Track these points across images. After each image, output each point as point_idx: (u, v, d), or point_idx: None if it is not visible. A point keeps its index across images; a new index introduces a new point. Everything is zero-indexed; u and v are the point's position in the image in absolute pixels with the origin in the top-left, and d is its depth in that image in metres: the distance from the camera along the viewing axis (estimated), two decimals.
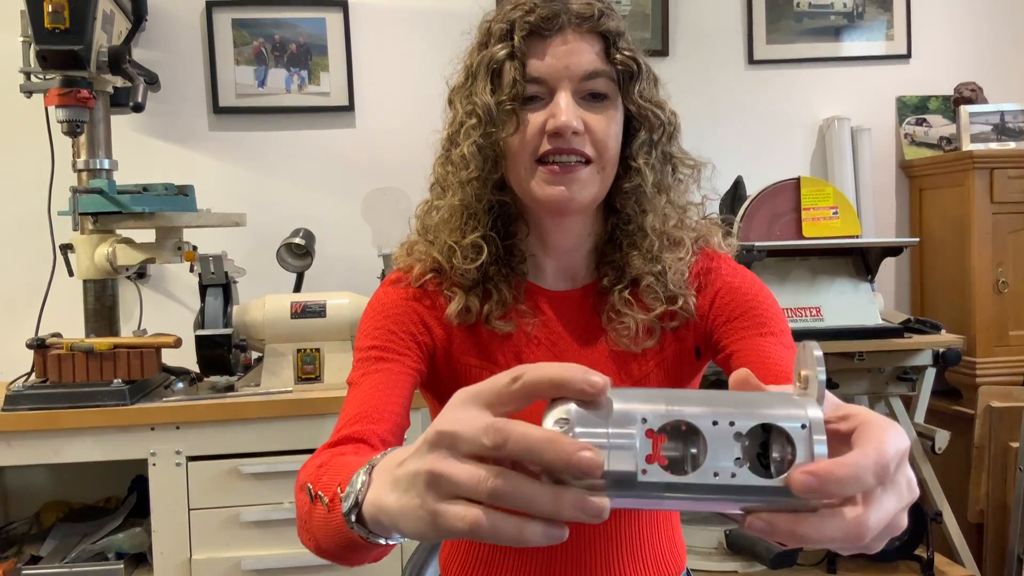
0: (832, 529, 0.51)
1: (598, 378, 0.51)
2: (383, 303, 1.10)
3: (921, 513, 2.30)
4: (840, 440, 0.54)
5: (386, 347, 1.05)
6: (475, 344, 1.09)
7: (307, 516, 0.81)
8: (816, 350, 0.54)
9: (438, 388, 1.12)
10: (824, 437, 0.52)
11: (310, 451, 2.13)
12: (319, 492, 0.75)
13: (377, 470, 0.64)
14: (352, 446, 0.92)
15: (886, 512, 0.52)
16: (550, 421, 0.52)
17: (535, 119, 1.02)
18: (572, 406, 0.52)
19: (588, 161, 1.03)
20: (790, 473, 0.50)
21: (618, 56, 1.04)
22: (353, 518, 0.66)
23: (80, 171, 2.21)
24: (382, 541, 0.68)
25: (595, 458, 0.49)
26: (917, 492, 0.56)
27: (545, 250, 1.12)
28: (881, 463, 0.51)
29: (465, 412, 0.54)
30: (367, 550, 0.72)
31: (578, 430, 0.51)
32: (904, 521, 0.55)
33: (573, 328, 1.11)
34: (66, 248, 2.20)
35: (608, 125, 1.03)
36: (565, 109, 1.00)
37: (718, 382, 2.23)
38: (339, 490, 0.69)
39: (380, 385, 1.00)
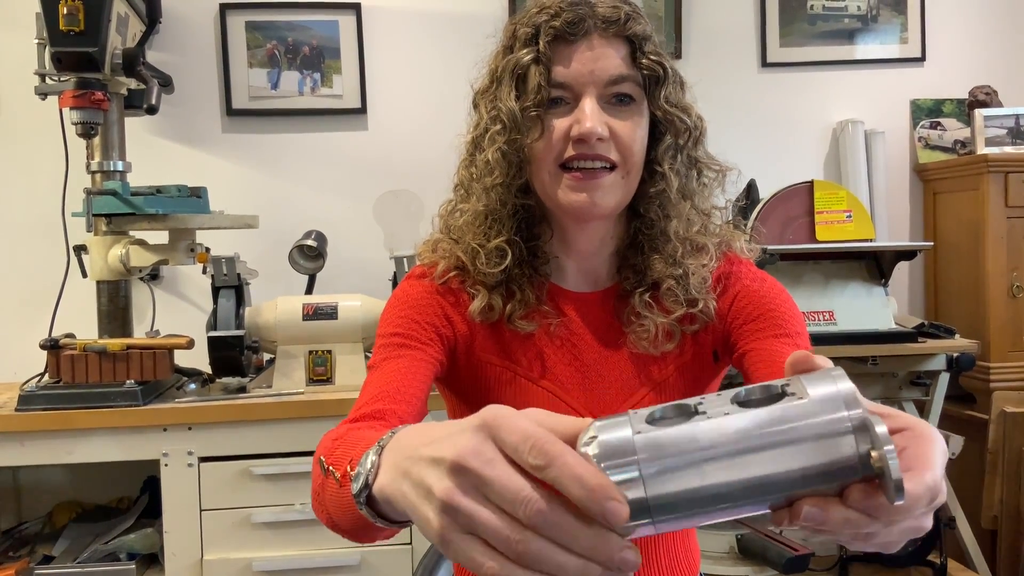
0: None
1: (615, 510, 0.49)
2: (408, 294, 1.10)
3: (934, 518, 2.28)
4: None
5: (409, 335, 1.05)
6: (497, 342, 1.09)
7: (320, 489, 0.80)
8: (879, 426, 0.50)
9: (457, 384, 1.12)
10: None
11: None
12: (331, 467, 0.74)
13: (387, 452, 0.62)
14: (373, 422, 0.91)
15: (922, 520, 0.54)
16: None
17: (560, 124, 1.02)
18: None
19: (613, 167, 1.02)
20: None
21: (644, 60, 1.03)
22: (363, 499, 0.64)
23: (94, 173, 2.22)
24: (383, 524, 0.67)
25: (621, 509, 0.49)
26: (945, 493, 0.57)
27: (568, 253, 1.12)
28: (934, 488, 0.53)
29: (486, 448, 0.52)
30: (378, 530, 0.71)
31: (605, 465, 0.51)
32: (929, 522, 0.56)
33: (594, 330, 1.11)
34: (80, 249, 2.21)
35: (633, 130, 1.03)
36: (590, 115, 1.00)
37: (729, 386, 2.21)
38: (349, 468, 0.68)
39: (402, 369, 1.00)
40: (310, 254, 2.43)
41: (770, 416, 0.52)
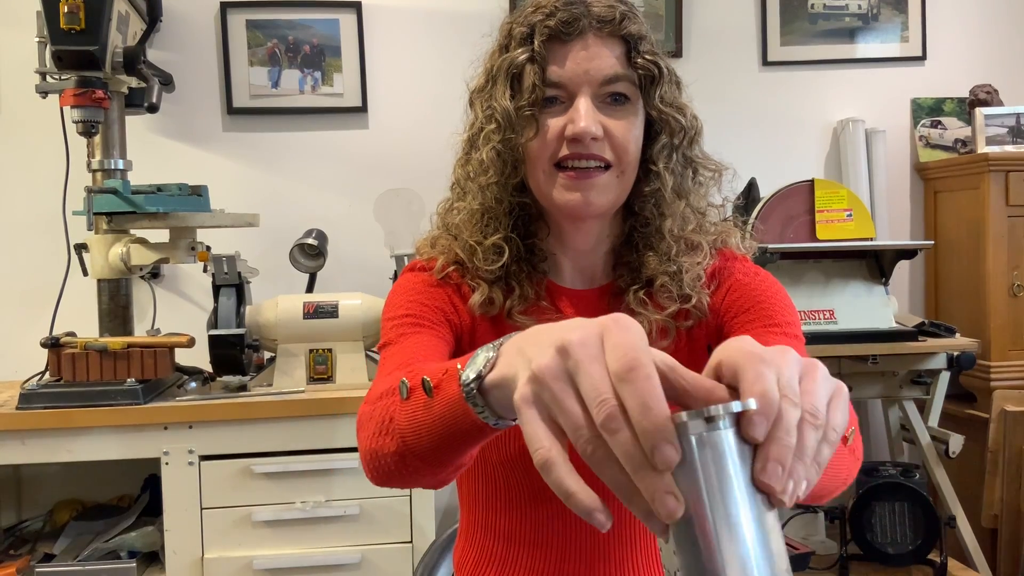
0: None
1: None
2: (412, 282, 1.10)
3: (935, 517, 2.28)
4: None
5: (421, 315, 1.05)
6: (496, 335, 1.09)
7: (391, 417, 0.80)
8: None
9: None
10: None
11: (322, 451, 2.14)
12: (425, 377, 0.74)
13: (507, 345, 0.65)
14: None
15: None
16: None
17: (555, 124, 1.02)
18: None
19: (607, 166, 1.03)
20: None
21: (639, 60, 1.03)
22: (475, 387, 0.66)
23: (95, 171, 2.22)
24: (491, 421, 0.68)
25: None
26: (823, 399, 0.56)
27: (564, 250, 1.12)
28: (775, 377, 0.54)
29: (595, 355, 0.54)
30: (464, 439, 0.72)
31: None
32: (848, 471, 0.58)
33: None
34: (80, 248, 2.21)
35: (628, 130, 1.03)
36: (585, 115, 1.00)
37: None
38: (459, 366, 0.69)
39: (421, 343, 1.00)
40: (311, 252, 2.44)
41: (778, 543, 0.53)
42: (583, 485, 0.53)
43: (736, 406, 0.51)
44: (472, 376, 0.67)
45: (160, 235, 2.22)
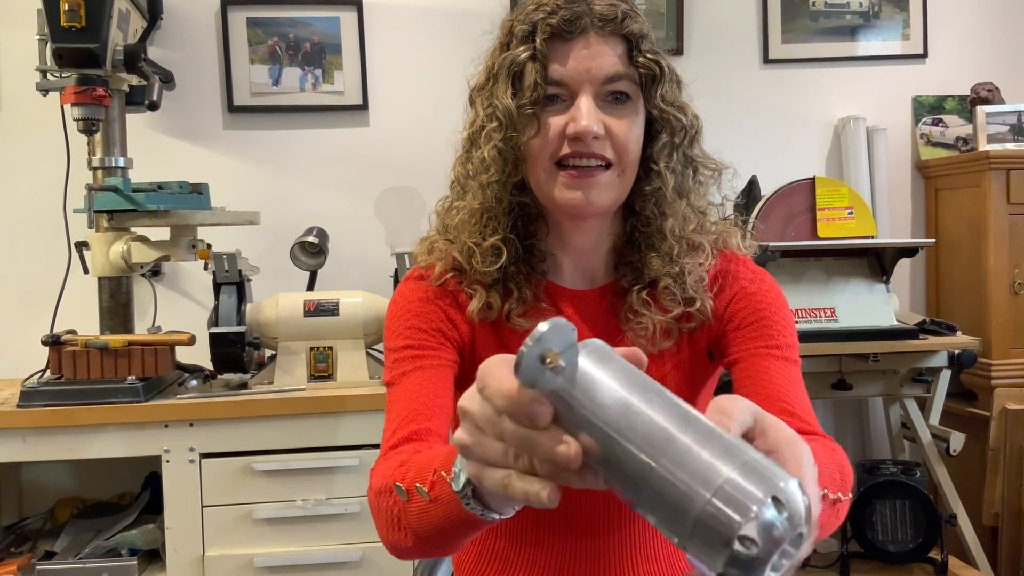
0: None
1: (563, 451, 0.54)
2: (408, 300, 1.10)
3: (935, 515, 2.28)
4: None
5: (420, 345, 1.06)
6: (497, 340, 1.10)
7: (399, 514, 0.84)
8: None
9: (462, 383, 1.12)
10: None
11: (323, 448, 2.14)
12: (418, 484, 0.77)
13: None
14: (414, 445, 0.94)
15: None
16: None
17: (556, 122, 1.02)
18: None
19: (608, 165, 1.02)
20: None
21: (641, 59, 1.03)
22: (469, 492, 0.69)
23: (95, 169, 2.22)
24: (495, 516, 0.70)
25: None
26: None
27: (564, 250, 1.12)
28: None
29: (474, 395, 0.60)
30: (474, 527, 0.75)
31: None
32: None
33: (592, 327, 1.11)
34: (81, 245, 2.21)
35: (629, 129, 1.03)
36: (586, 113, 1.00)
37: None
38: (444, 475, 0.72)
39: (424, 382, 1.02)
40: (311, 250, 2.43)
41: (698, 422, 0.51)
42: (522, 481, 0.57)
43: None
44: (462, 484, 0.69)
45: (161, 233, 2.22)
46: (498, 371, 0.57)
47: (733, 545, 0.46)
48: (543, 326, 0.52)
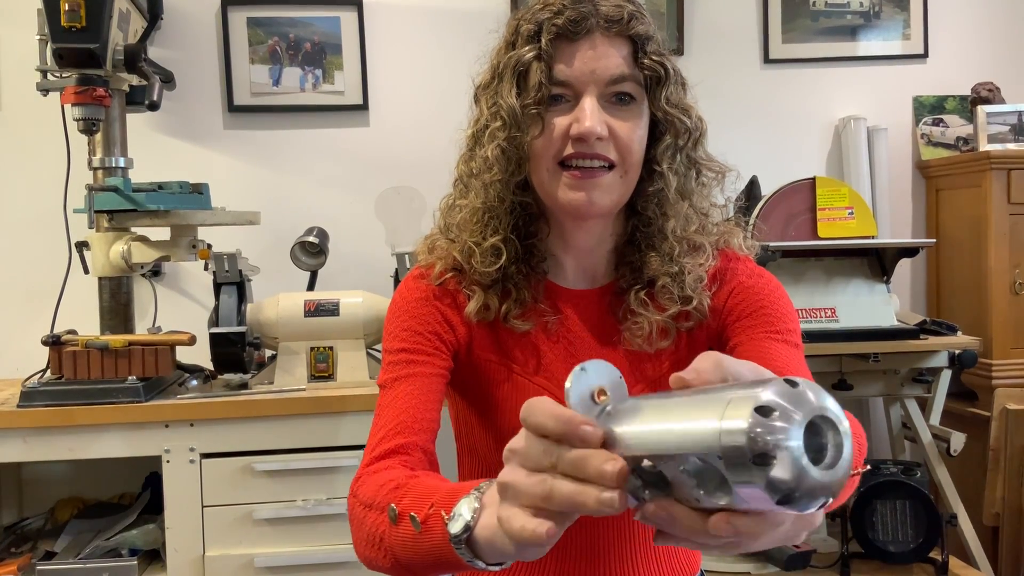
0: (722, 542, 0.54)
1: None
2: (407, 300, 1.11)
3: (936, 515, 2.28)
4: None
5: (414, 349, 1.06)
6: (495, 341, 1.10)
7: (383, 535, 0.83)
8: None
9: (459, 383, 1.12)
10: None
11: (323, 448, 2.14)
12: (412, 514, 0.78)
13: (488, 496, 0.70)
14: (400, 459, 0.95)
15: None
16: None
17: (560, 123, 1.02)
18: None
19: (611, 166, 1.02)
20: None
21: (646, 61, 1.03)
22: (464, 538, 0.70)
23: (96, 169, 2.22)
24: (480, 565, 0.70)
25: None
26: (818, 522, 0.59)
27: (566, 250, 1.12)
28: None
29: (523, 435, 0.62)
30: (457, 567, 0.75)
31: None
32: (801, 537, 0.59)
33: (591, 327, 1.11)
34: (82, 246, 2.21)
35: (633, 130, 1.03)
36: (590, 114, 1.00)
37: None
38: (444, 515, 0.73)
39: (414, 393, 1.02)
40: (312, 250, 2.43)
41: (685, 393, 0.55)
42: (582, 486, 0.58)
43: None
44: (459, 529, 0.70)
45: (161, 233, 2.22)
46: (542, 404, 0.60)
47: (748, 446, 0.47)
48: (587, 364, 0.59)
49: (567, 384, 0.59)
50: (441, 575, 0.81)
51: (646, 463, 0.55)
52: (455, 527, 0.70)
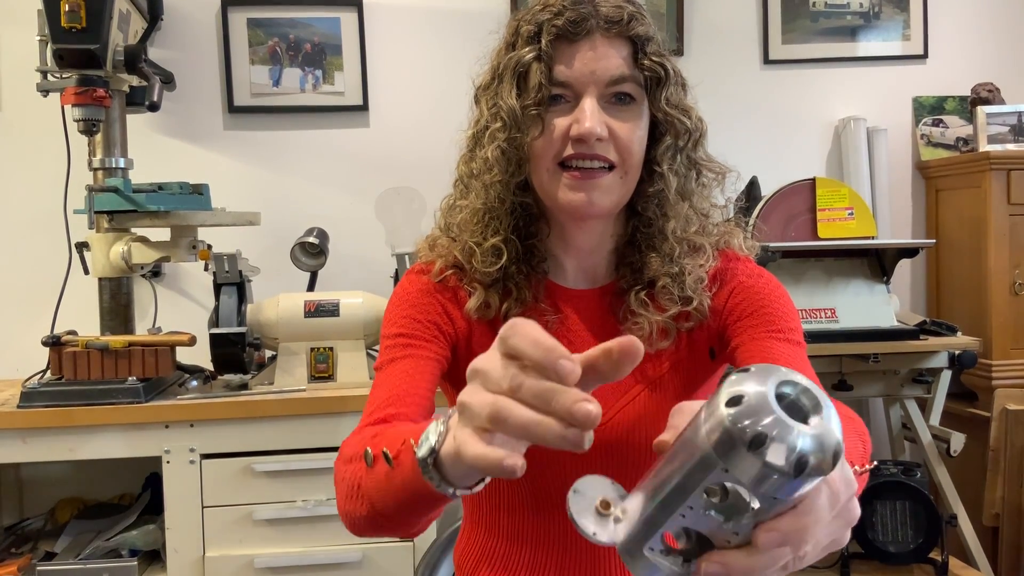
0: (777, 557, 0.52)
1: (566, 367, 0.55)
2: (408, 291, 1.11)
3: (936, 516, 2.28)
4: None
5: (412, 334, 1.06)
6: (493, 338, 1.10)
7: (360, 481, 0.83)
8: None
9: (457, 380, 1.12)
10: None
11: (323, 449, 2.14)
12: (384, 449, 0.77)
13: (454, 419, 0.67)
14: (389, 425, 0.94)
15: (820, 538, 0.55)
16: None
17: (560, 123, 1.02)
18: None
19: (611, 166, 1.03)
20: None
21: (646, 61, 1.03)
22: (431, 461, 0.68)
23: (96, 170, 2.22)
24: (450, 490, 0.70)
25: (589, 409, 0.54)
26: (856, 515, 0.58)
27: (566, 250, 1.12)
28: (802, 528, 0.53)
29: (492, 354, 0.60)
30: (428, 504, 0.75)
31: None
32: (846, 537, 0.58)
33: (591, 327, 1.11)
34: (82, 246, 2.21)
35: (633, 131, 1.03)
36: (590, 115, 1.00)
37: None
38: (412, 441, 0.72)
39: (408, 371, 1.02)
40: (312, 251, 2.43)
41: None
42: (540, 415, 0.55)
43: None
44: (425, 452, 0.69)
45: (161, 233, 2.22)
46: (527, 327, 0.57)
47: (738, 437, 0.48)
48: (577, 486, 0.58)
49: (570, 512, 0.57)
50: (415, 517, 0.80)
51: (676, 531, 0.54)
52: (421, 451, 0.69)
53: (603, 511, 0.57)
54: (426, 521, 0.83)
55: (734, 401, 0.48)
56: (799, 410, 0.50)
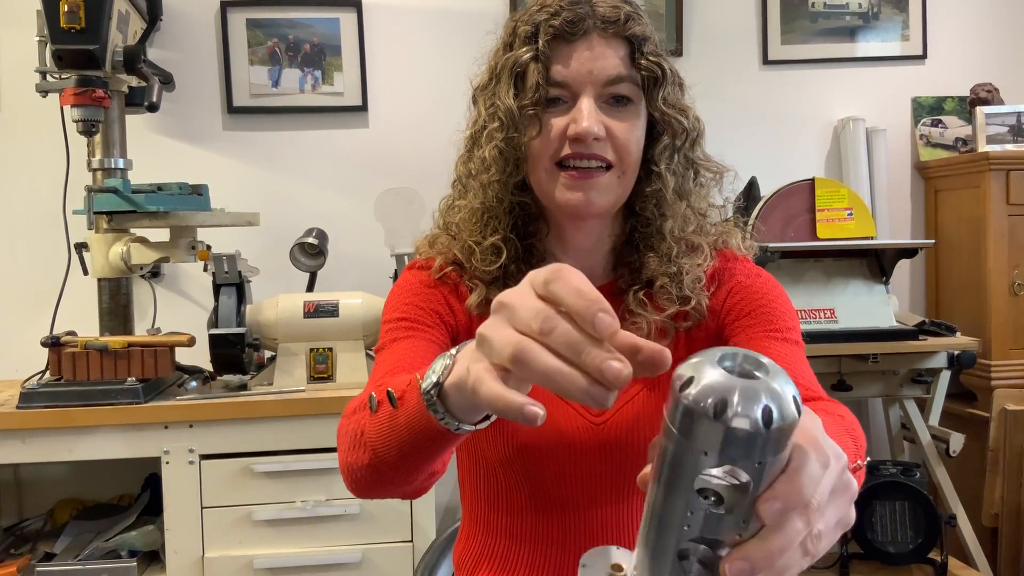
0: (791, 533, 0.51)
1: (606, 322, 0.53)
2: (410, 283, 1.11)
3: (935, 516, 2.28)
4: None
5: (415, 319, 1.06)
6: None
7: (361, 431, 0.83)
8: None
9: None
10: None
11: (323, 450, 2.14)
12: (389, 390, 0.77)
13: (462, 353, 0.67)
14: None
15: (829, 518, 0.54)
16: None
17: (557, 123, 1.03)
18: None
19: (609, 166, 1.03)
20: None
21: (643, 61, 1.04)
22: (435, 393, 0.68)
23: (95, 170, 2.22)
24: (455, 424, 0.69)
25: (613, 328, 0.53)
26: (854, 488, 0.57)
27: (564, 250, 1.12)
28: (803, 499, 0.51)
29: (525, 292, 0.57)
30: (431, 446, 0.74)
31: None
32: (852, 515, 0.56)
33: None
34: (81, 247, 2.21)
35: (630, 131, 1.03)
36: (587, 115, 1.00)
37: None
38: (418, 376, 0.71)
39: (411, 348, 1.02)
40: (311, 252, 2.43)
41: None
42: (568, 367, 0.54)
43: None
44: (431, 383, 0.69)
45: (160, 234, 2.22)
46: (572, 275, 0.55)
47: (703, 411, 0.48)
48: (584, 559, 0.59)
49: None
50: (418, 462, 0.79)
51: (687, 546, 0.53)
52: (426, 382, 0.69)
53: (616, 574, 0.58)
54: (427, 474, 0.82)
55: (686, 384, 0.49)
56: (746, 375, 0.51)
